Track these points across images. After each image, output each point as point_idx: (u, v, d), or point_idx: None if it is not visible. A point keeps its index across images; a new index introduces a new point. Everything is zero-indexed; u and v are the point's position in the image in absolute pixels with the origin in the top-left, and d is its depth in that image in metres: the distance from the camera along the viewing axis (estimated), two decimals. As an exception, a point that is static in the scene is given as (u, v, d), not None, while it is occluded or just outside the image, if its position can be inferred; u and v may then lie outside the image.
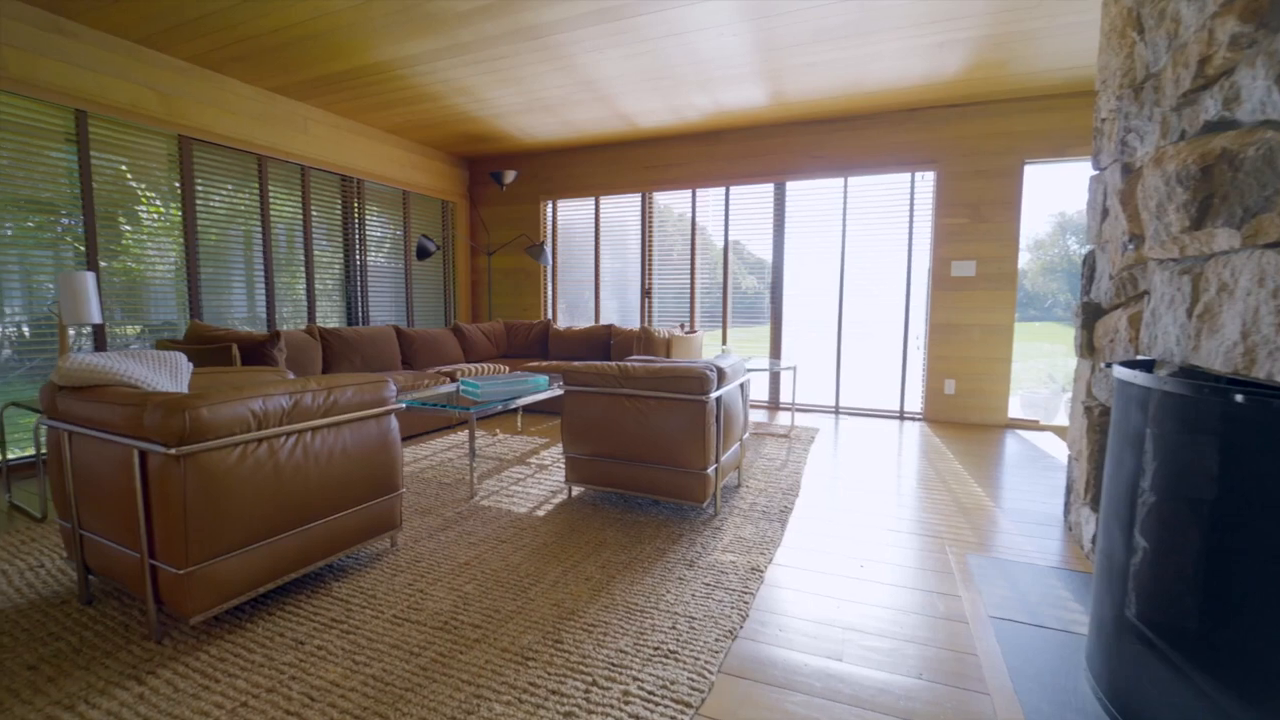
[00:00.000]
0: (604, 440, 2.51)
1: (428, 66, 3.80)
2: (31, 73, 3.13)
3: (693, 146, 5.29)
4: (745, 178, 5.11)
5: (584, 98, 4.34)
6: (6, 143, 3.11)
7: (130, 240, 3.68)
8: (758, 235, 5.22)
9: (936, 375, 4.68)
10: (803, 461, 3.38)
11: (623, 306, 5.94)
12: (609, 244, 5.88)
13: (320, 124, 4.70)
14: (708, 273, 5.46)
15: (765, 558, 2.08)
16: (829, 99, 4.32)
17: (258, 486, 1.61)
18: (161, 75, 3.66)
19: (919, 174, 4.62)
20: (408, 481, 2.97)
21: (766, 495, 2.77)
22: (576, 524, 2.41)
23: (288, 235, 4.56)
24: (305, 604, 1.77)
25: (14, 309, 3.19)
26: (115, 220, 3.58)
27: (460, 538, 2.27)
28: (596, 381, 2.51)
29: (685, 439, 2.35)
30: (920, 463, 3.41)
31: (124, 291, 3.65)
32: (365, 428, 1.93)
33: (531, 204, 6.08)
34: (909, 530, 2.38)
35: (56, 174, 3.30)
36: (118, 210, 3.58)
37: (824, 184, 4.91)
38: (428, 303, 6.00)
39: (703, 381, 2.31)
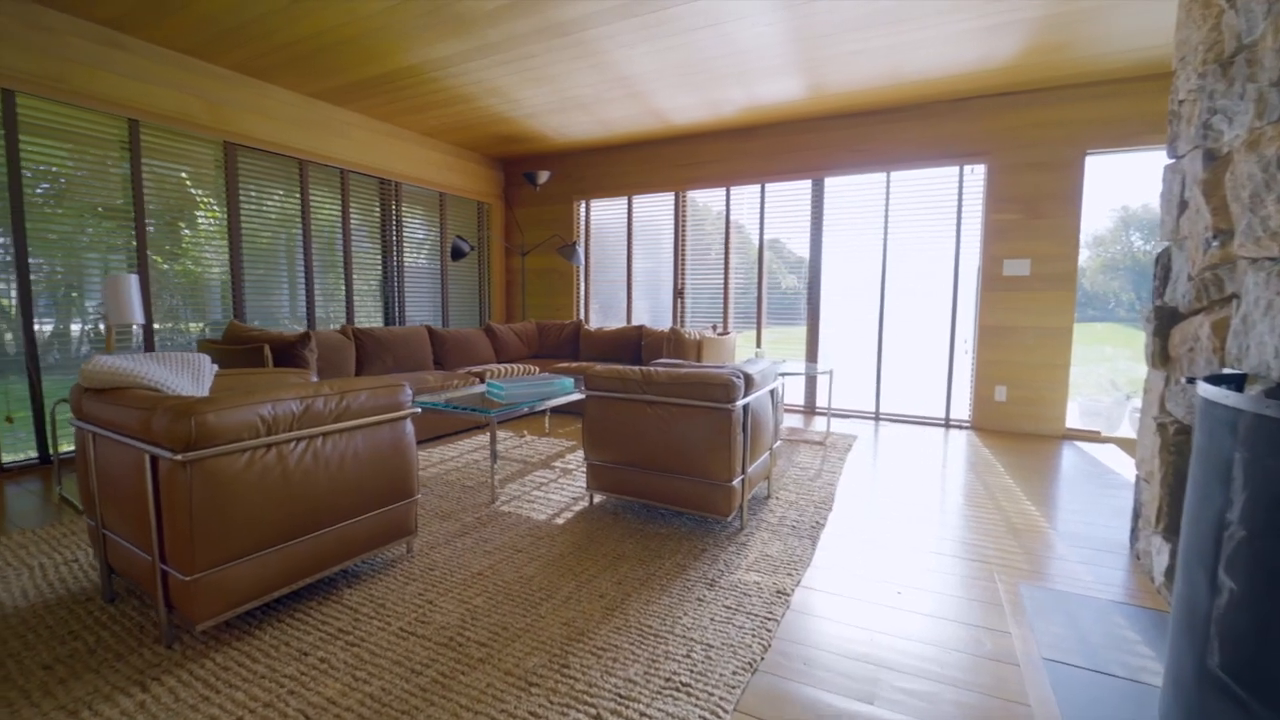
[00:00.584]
0: (625, 447, 2.42)
1: (459, 68, 3.80)
2: (90, 85, 3.27)
3: (727, 143, 5.15)
4: (781, 174, 4.93)
5: (616, 95, 4.26)
6: (81, 154, 3.29)
7: (189, 243, 3.85)
8: (794, 234, 5.03)
9: (986, 381, 4.39)
10: (838, 472, 3.20)
11: (655, 307, 5.84)
12: (641, 244, 5.79)
13: (359, 128, 4.79)
14: (742, 273, 5.30)
15: (792, 579, 1.94)
16: (870, 89, 4.11)
17: (266, 493, 1.59)
18: (208, 84, 3.78)
19: (968, 167, 4.35)
20: (431, 484, 2.96)
21: (797, 509, 2.62)
22: (595, 534, 2.33)
23: (328, 237, 4.66)
24: (315, 611, 1.74)
25: (94, 307, 3.43)
26: (176, 224, 3.76)
27: (476, 545, 2.22)
28: (618, 386, 2.43)
29: (710, 449, 2.24)
30: (967, 476, 3.19)
31: (187, 291, 3.85)
32: (379, 433, 1.90)
33: (565, 204, 6.06)
34: (953, 553, 2.19)
35: (125, 181, 3.50)
36: (177, 214, 3.74)
37: (864, 179, 4.68)
38: (463, 303, 6.05)
39: (729, 389, 2.19)
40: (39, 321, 3.26)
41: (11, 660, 1.51)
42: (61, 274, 3.29)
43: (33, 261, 3.17)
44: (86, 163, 3.34)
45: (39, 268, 3.20)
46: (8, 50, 2.98)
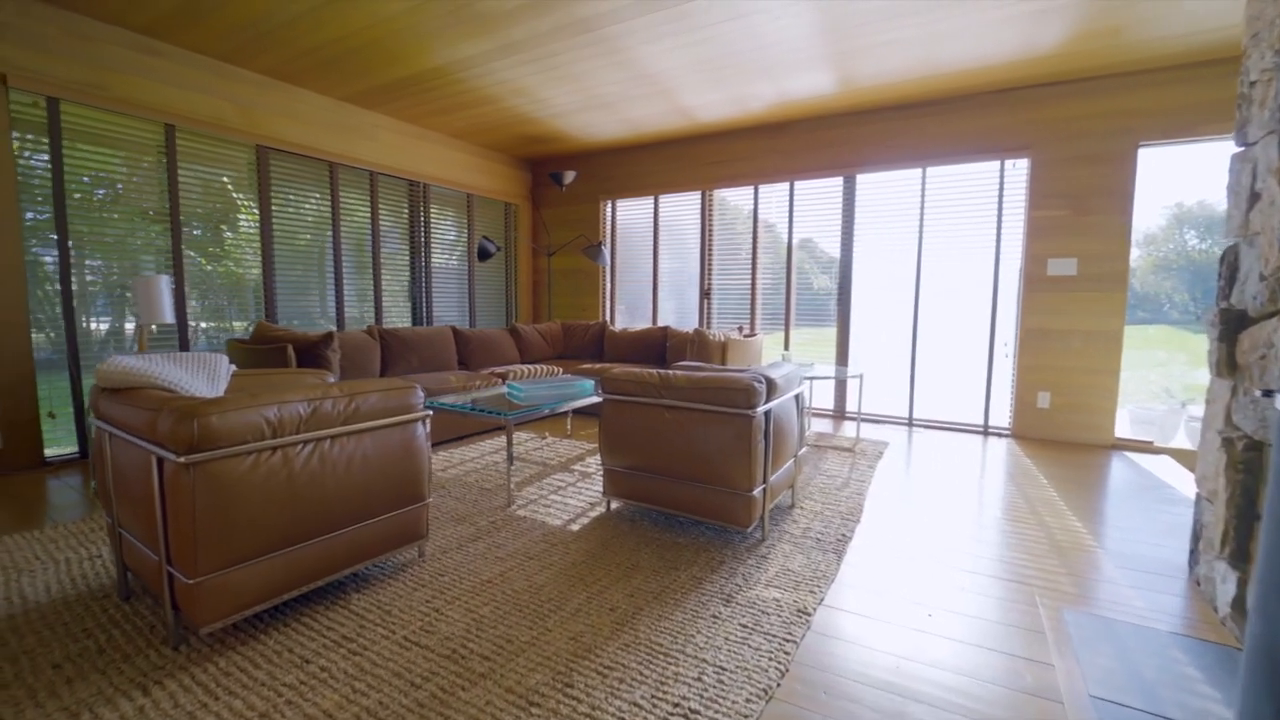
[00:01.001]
0: (642, 453, 2.35)
1: (483, 68, 3.79)
2: (129, 91, 3.37)
3: (755, 140, 5.02)
4: (811, 171, 4.78)
5: (641, 93, 4.20)
6: (135, 161, 3.42)
7: (231, 245, 3.96)
8: (824, 232, 4.87)
9: (1028, 386, 4.16)
10: (867, 481, 3.06)
11: (681, 308, 5.75)
12: (668, 243, 5.71)
13: (388, 131, 4.84)
14: (770, 273, 5.17)
15: (815, 597, 1.84)
16: (905, 82, 3.94)
17: (271, 496, 1.57)
18: (240, 89, 3.86)
19: (1009, 162, 4.13)
20: (449, 485, 2.94)
21: (823, 519, 2.50)
22: (610, 542, 2.26)
23: (358, 239, 4.73)
24: (321, 616, 1.72)
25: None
26: (219, 226, 3.88)
27: (489, 550, 2.18)
28: (635, 390, 2.35)
29: (729, 456, 2.14)
30: (1006, 488, 3.00)
31: (231, 292, 3.98)
32: (389, 436, 1.87)
33: (591, 204, 6.02)
34: (990, 572, 2.05)
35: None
36: (221, 218, 3.87)
37: (898, 176, 4.50)
38: (490, 303, 6.08)
39: (749, 394, 2.10)
40: (95, 320, 3.41)
41: (25, 657, 1.52)
42: (116, 274, 3.44)
43: (90, 263, 3.33)
44: (140, 169, 3.48)
45: (96, 269, 3.36)
46: (52, 60, 3.09)
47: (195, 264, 3.81)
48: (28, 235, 3.09)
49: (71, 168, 3.22)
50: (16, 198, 3.02)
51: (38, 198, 3.10)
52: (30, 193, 3.08)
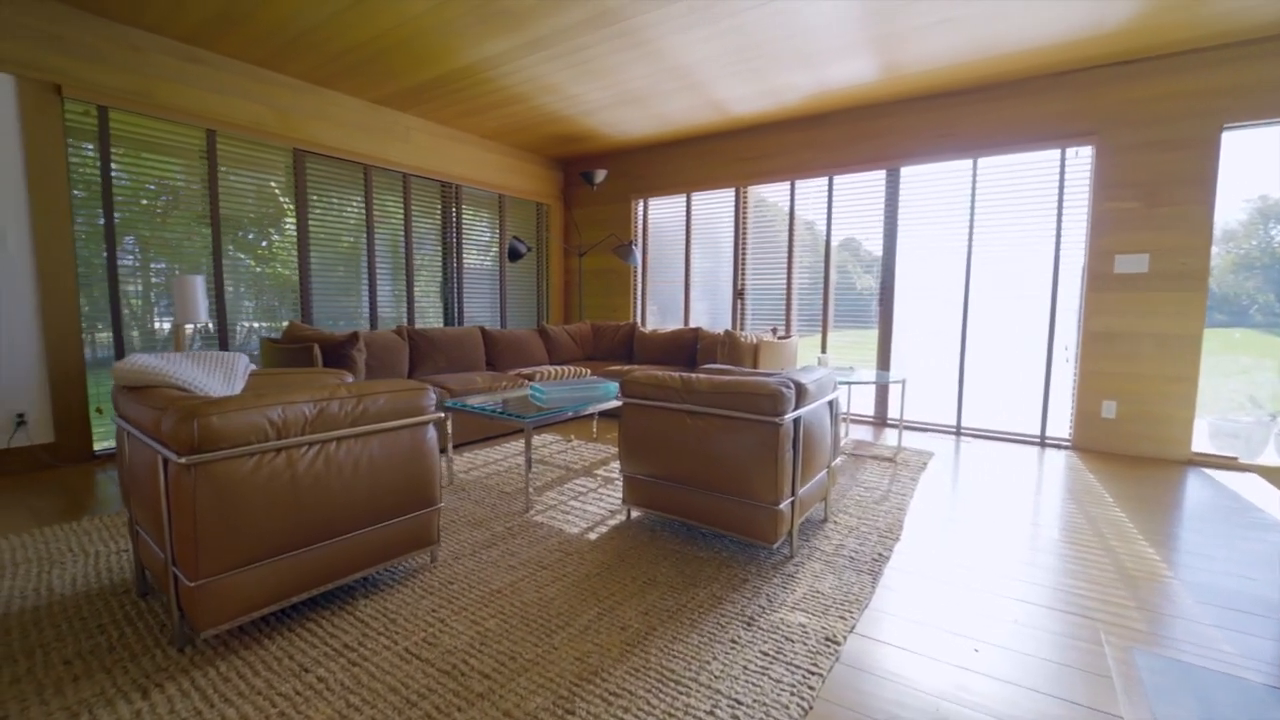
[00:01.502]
0: (663, 461, 2.23)
1: (511, 66, 3.75)
2: (172, 98, 3.48)
3: (792, 134, 4.83)
4: (852, 165, 4.56)
5: (672, 86, 4.08)
6: (191, 168, 3.55)
7: (279, 247, 4.08)
8: (865, 229, 4.64)
9: (1091, 394, 3.83)
10: (908, 494, 2.85)
11: (713, 308, 5.60)
12: (700, 242, 5.57)
13: (421, 132, 4.88)
14: (807, 272, 4.96)
15: (845, 624, 1.68)
16: (955, 66, 3.68)
17: (274, 499, 1.54)
18: (278, 93, 3.95)
19: (1072, 150, 3.81)
20: (469, 487, 2.90)
21: (858, 536, 2.32)
22: (627, 554, 2.15)
23: (391, 240, 4.79)
24: (326, 622, 1.68)
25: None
26: (267, 229, 4.00)
27: (502, 558, 2.10)
28: (656, 394, 2.24)
29: (754, 466, 2.00)
30: (1066, 505, 2.74)
31: (280, 293, 4.12)
32: (397, 438, 1.82)
33: (623, 203, 5.94)
34: (1047, 603, 1.84)
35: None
36: (271, 221, 3.98)
37: (947, 168, 4.23)
38: (522, 304, 6.08)
39: (776, 400, 1.95)
40: (159, 320, 3.57)
41: (40, 651, 1.54)
42: (178, 275, 3.60)
43: (154, 266, 3.50)
44: (198, 175, 3.64)
45: (160, 271, 3.52)
46: (102, 69, 3.21)
47: (245, 265, 3.94)
48: (93, 240, 3.22)
49: (134, 175, 3.38)
50: (70, 203, 3.15)
51: (97, 203, 3.23)
52: (97, 198, 3.21)
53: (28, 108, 3.00)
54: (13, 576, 1.95)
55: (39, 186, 3.05)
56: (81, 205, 3.21)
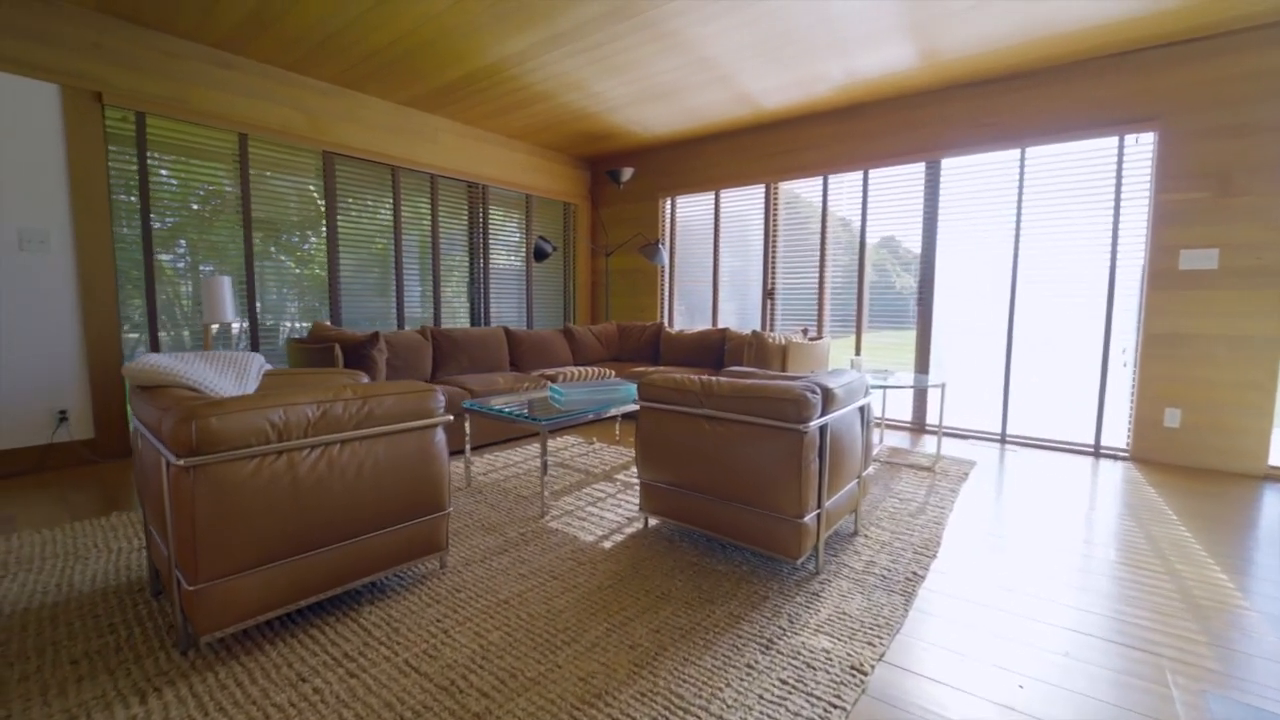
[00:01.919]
0: (681, 468, 2.13)
1: (534, 63, 3.71)
2: (206, 104, 3.56)
3: (824, 126, 4.65)
4: (889, 158, 4.35)
5: (698, 80, 3.97)
6: (231, 173, 3.63)
7: (317, 249, 4.16)
8: (902, 225, 4.42)
9: (1152, 401, 3.54)
10: (947, 507, 2.67)
11: (743, 309, 5.45)
12: (729, 241, 5.43)
13: (448, 133, 4.90)
14: (841, 270, 4.77)
15: (873, 651, 1.54)
16: (999, 50, 3.46)
17: (274, 502, 1.50)
18: (307, 96, 4.01)
19: (1131, 137, 3.53)
20: (486, 490, 2.85)
21: (890, 552, 2.17)
22: (643, 564, 2.06)
23: (419, 240, 4.82)
24: (329, 628, 1.64)
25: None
26: (305, 232, 4.09)
27: (513, 566, 2.04)
28: (674, 398, 2.14)
29: (777, 476, 1.88)
30: (1123, 523, 2.51)
31: (319, 293, 4.22)
32: (403, 442, 1.77)
33: (650, 202, 5.85)
34: (1103, 634, 1.66)
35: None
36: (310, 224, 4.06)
37: (991, 159, 3.99)
38: (548, 304, 6.06)
39: (800, 405, 1.83)
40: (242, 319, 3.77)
41: (51, 649, 1.54)
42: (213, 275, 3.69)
43: (204, 269, 3.62)
44: (239, 179, 3.75)
45: (208, 273, 3.64)
46: (140, 77, 3.31)
47: (286, 267, 4.03)
48: (139, 242, 3.32)
49: (182, 179, 3.50)
50: (109, 206, 3.25)
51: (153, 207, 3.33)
52: (157, 204, 3.31)
53: (70, 115, 3.11)
54: (39, 571, 1.98)
55: (80, 191, 3.15)
56: (127, 209, 3.31)
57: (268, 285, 3.95)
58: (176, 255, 3.53)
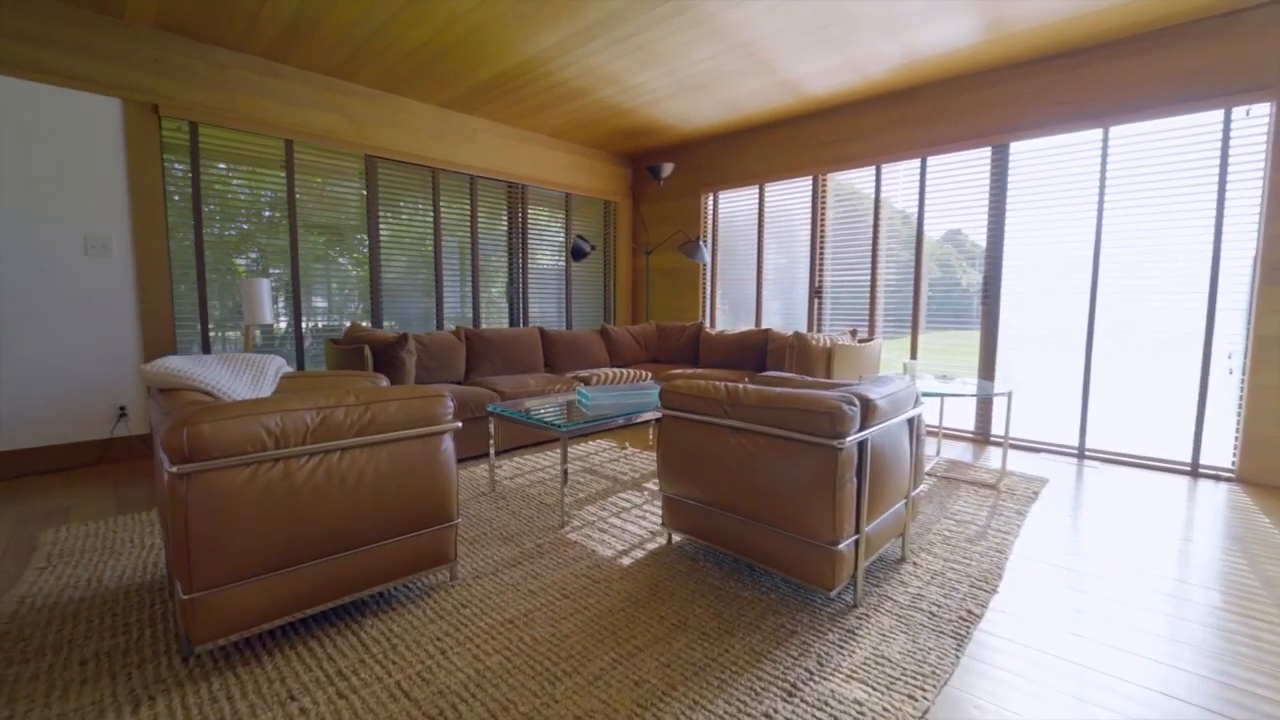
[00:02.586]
0: (704, 483, 1.97)
1: (567, 57, 3.62)
2: (254, 111, 3.68)
3: (877, 112, 4.34)
4: (950, 143, 4.00)
5: (737, 67, 3.77)
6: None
7: (359, 251, 4.27)
8: (965, 217, 4.06)
9: (1264, 414, 3.07)
10: (1012, 532, 2.37)
11: (788, 308, 5.19)
12: (774, 237, 5.19)
13: (487, 134, 4.91)
14: (895, 267, 4.44)
15: (914, 707, 1.34)
16: (1080, 16, 3.08)
17: (270, 512, 1.45)
18: (350, 102, 4.08)
19: (1240, 109, 3.07)
20: (510, 496, 2.78)
21: (942, 584, 1.93)
22: (660, 586, 1.91)
23: (458, 242, 4.85)
24: (328, 640, 1.58)
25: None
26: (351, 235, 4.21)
27: (524, 580, 1.94)
28: (697, 406, 1.98)
29: (808, 496, 1.69)
30: (1229, 558, 2.15)
31: (359, 294, 4.33)
32: (407, 449, 1.70)
33: (692, 198, 5.68)
34: (1201, 699, 1.38)
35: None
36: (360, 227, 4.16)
37: (1068, 140, 3.58)
38: (589, 304, 5.99)
39: (835, 418, 1.63)
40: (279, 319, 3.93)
41: (66, 648, 1.56)
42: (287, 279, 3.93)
43: (273, 271, 3.82)
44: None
45: (277, 276, 3.84)
46: (193, 88, 3.44)
47: (331, 268, 4.14)
48: (214, 246, 3.47)
49: (253, 188, 3.67)
50: (165, 213, 3.40)
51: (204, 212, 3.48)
52: (208, 209, 3.46)
53: (131, 127, 3.27)
54: (75, 565, 2.05)
55: (139, 198, 3.31)
56: (180, 214, 3.46)
57: (313, 286, 4.05)
58: (249, 259, 3.69)
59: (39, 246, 3.06)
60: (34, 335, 3.07)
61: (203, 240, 3.55)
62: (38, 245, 3.05)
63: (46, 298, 3.09)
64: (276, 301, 3.87)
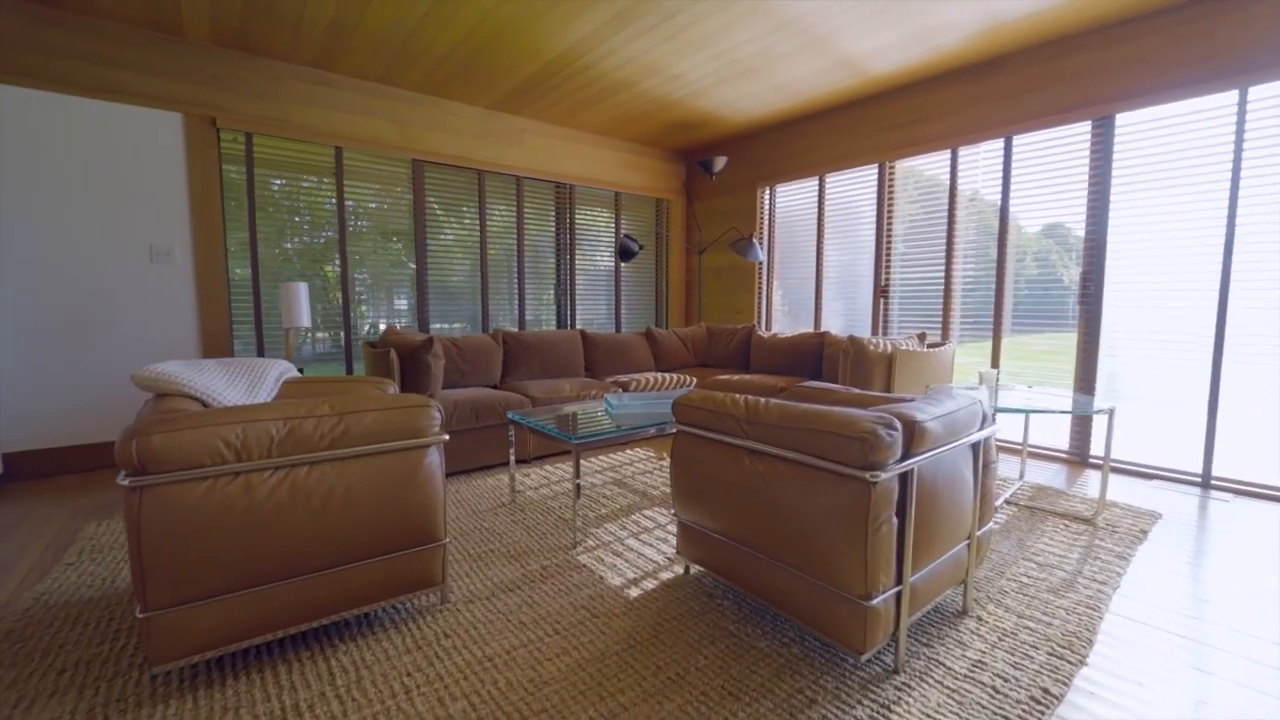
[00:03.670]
0: (718, 511, 1.71)
1: (604, 47, 3.45)
2: (305, 120, 3.78)
3: (952, 88, 3.86)
4: (1039, 118, 3.47)
5: (787, 46, 3.45)
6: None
7: (406, 254, 4.35)
8: (1058, 203, 3.51)
9: None
10: (1110, 582, 1.94)
11: (851, 309, 4.77)
12: (835, 232, 4.78)
13: (534, 134, 4.84)
14: (974, 262, 3.93)
15: (957, 825, 1.03)
16: (1210, -44, 2.54)
17: (229, 529, 1.36)
18: (397, 107, 4.13)
19: None
20: (529, 507, 2.63)
21: (1013, 647, 1.57)
22: (666, 626, 1.68)
23: (504, 244, 4.81)
24: (298, 667, 1.48)
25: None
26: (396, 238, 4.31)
27: (519, 609, 1.77)
28: (710, 421, 1.73)
29: (835, 539, 1.40)
30: None
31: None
32: (385, 464, 1.57)
33: (747, 193, 5.36)
34: None
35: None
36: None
37: (1190, 107, 2.99)
38: (640, 306, 5.81)
39: (868, 445, 1.33)
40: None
41: (55, 653, 1.55)
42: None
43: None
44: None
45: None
46: (248, 100, 3.57)
47: (393, 273, 4.25)
48: (251, 253, 3.62)
49: (288, 192, 3.80)
50: (223, 222, 3.56)
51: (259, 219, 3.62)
52: (263, 216, 3.61)
53: (191, 140, 3.43)
54: (99, 562, 2.10)
55: (198, 207, 3.47)
56: (236, 220, 3.61)
57: (363, 289, 4.13)
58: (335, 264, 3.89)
59: (109, 255, 3.26)
60: (105, 336, 3.28)
61: (257, 246, 3.68)
62: (108, 253, 3.26)
63: (116, 301, 3.30)
64: (324, 306, 3.96)
